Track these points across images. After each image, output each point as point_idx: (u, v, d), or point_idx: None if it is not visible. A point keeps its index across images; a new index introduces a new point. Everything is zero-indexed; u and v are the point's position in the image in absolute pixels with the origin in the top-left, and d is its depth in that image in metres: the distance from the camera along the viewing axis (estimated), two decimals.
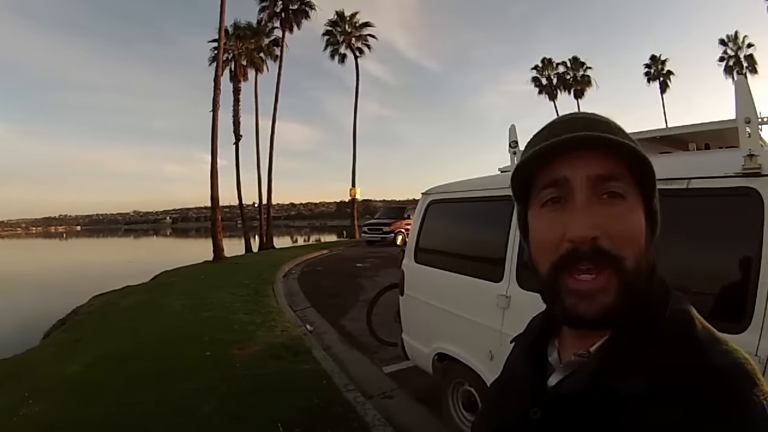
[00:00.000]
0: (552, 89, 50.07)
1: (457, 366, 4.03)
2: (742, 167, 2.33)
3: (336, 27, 37.67)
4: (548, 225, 0.77)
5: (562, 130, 0.76)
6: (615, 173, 0.74)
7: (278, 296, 11.37)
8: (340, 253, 23.85)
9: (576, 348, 0.81)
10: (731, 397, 0.64)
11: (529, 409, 0.78)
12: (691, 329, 0.74)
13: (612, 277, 0.72)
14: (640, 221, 0.76)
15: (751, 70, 44.35)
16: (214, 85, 24.16)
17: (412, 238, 4.92)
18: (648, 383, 0.68)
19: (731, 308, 2.30)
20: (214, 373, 5.89)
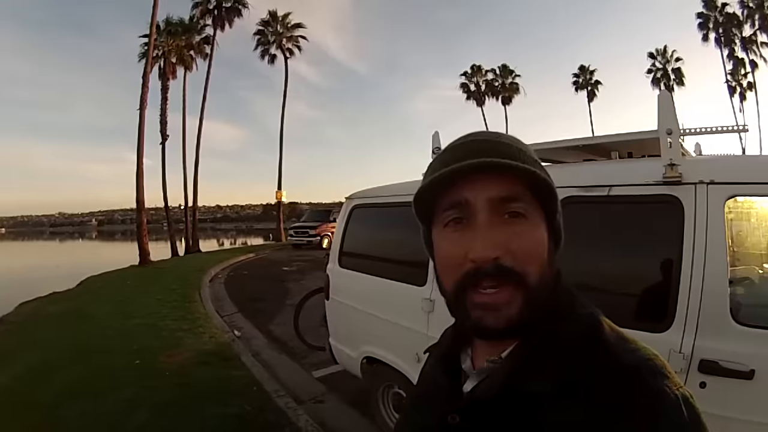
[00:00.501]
0: (480, 95, 50.91)
1: (386, 369, 4.07)
2: (663, 176, 2.47)
3: (268, 27, 37.33)
4: (451, 245, 0.79)
5: (463, 154, 0.79)
6: (515, 194, 0.77)
7: (205, 301, 11.19)
8: (267, 256, 23.67)
9: (488, 355, 0.84)
10: (641, 391, 0.67)
11: (447, 414, 0.81)
12: (598, 331, 0.78)
13: (515, 291, 0.75)
14: (542, 238, 0.80)
15: (678, 82, 46.44)
16: (142, 82, 23.58)
17: (336, 243, 4.93)
18: (556, 384, 0.72)
19: (655, 309, 2.43)
20: (145, 382, 5.74)
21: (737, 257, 3.23)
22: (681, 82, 46.37)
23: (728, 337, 2.20)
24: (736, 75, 42.49)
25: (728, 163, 2.70)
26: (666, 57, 46.73)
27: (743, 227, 3.23)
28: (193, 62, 33.66)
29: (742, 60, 42.00)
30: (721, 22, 41.16)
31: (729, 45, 41.91)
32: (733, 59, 42.23)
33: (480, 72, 51.12)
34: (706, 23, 41.65)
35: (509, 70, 51.08)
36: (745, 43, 40.99)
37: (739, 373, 2.12)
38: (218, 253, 26.67)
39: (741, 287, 2.75)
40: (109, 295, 12.42)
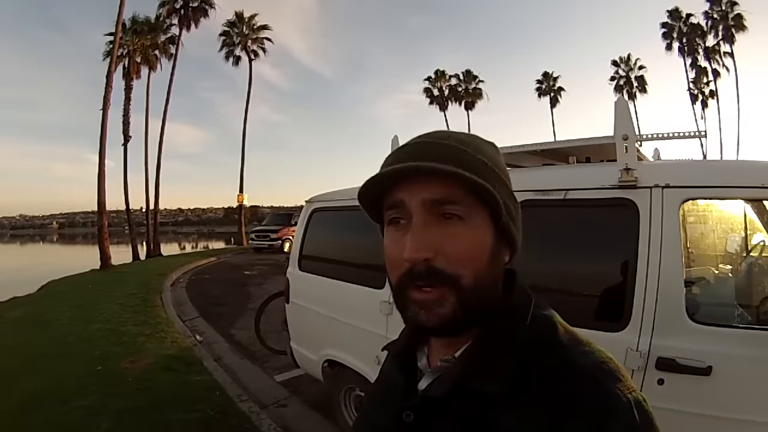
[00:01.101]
0: (443, 100, 51.21)
1: (347, 372, 4.06)
2: (618, 180, 2.52)
3: (234, 28, 36.93)
4: (393, 244, 0.81)
5: (404, 155, 0.80)
6: (449, 197, 0.76)
7: (167, 306, 11.04)
8: (228, 260, 23.42)
9: (443, 354, 0.86)
10: (593, 394, 0.68)
11: (402, 412, 0.81)
12: (552, 332, 0.79)
13: (448, 292, 0.75)
14: (480, 240, 0.79)
15: (641, 90, 47.59)
16: (106, 81, 22.93)
17: (296, 246, 4.92)
18: (508, 384, 0.72)
19: (611, 309, 2.48)
20: (108, 389, 5.61)
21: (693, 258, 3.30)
22: (644, 90, 47.57)
23: (684, 336, 2.27)
24: (698, 83, 43.61)
25: (683, 167, 2.74)
26: (629, 65, 47.80)
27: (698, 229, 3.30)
28: (158, 62, 33.08)
29: (704, 69, 43.14)
30: (685, 32, 42.37)
31: (692, 54, 43.06)
32: (696, 68, 43.39)
33: (444, 77, 51.47)
34: (670, 33, 42.81)
35: (473, 75, 51.43)
36: (708, 53, 42.13)
37: (697, 370, 2.18)
38: (180, 257, 26.18)
39: (697, 287, 2.84)
40: (70, 300, 12.11)
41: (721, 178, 2.44)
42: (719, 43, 41.52)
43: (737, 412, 2.17)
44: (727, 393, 2.19)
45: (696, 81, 43.57)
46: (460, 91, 51.29)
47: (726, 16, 40.17)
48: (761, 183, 2.29)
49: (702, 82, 43.45)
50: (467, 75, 51.37)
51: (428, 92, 51.54)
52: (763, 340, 2.18)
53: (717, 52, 41.89)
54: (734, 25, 40.07)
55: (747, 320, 2.48)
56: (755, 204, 3.30)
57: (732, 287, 3.21)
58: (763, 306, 2.41)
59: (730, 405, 2.18)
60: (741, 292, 3.10)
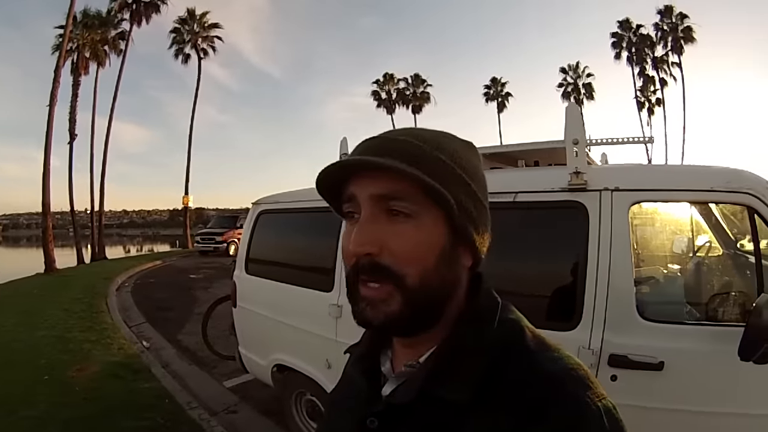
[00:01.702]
0: (391, 104, 51.34)
1: (297, 376, 4.02)
2: (568, 183, 2.57)
3: (185, 25, 36.24)
4: (345, 237, 0.80)
5: (356, 151, 0.81)
6: (396, 193, 0.74)
7: (112, 311, 10.82)
8: (174, 264, 23.07)
9: (407, 358, 0.84)
10: (562, 401, 0.66)
11: (366, 418, 0.80)
12: (519, 337, 0.77)
13: (394, 291, 0.74)
14: (427, 240, 0.76)
15: (588, 96, 48.48)
16: (54, 76, 22.24)
17: (243, 249, 4.86)
18: (474, 391, 0.71)
19: (563, 308, 2.54)
20: (55, 398, 5.43)
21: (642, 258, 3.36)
22: (591, 97, 48.53)
23: (636, 333, 2.35)
24: (645, 91, 44.87)
25: (632, 171, 2.84)
26: (578, 72, 48.75)
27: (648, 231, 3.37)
28: (107, 58, 32.28)
29: (652, 78, 44.44)
30: (635, 42, 43.59)
31: (640, 63, 44.25)
32: (644, 77, 44.65)
33: (392, 80, 51.60)
34: (619, 42, 43.97)
35: (421, 79, 51.75)
36: (657, 63, 43.42)
37: (649, 365, 2.26)
38: (125, 261, 25.65)
39: (647, 286, 2.92)
40: (14, 306, 11.75)
41: (669, 182, 2.54)
42: (668, 53, 42.93)
43: (689, 404, 2.26)
44: (680, 386, 2.28)
45: (643, 89, 44.82)
46: (408, 94, 51.56)
47: (676, 28, 41.55)
48: (709, 186, 2.38)
49: (649, 91, 44.75)
50: (416, 79, 51.72)
51: (376, 95, 51.64)
52: (713, 335, 2.28)
53: (665, 62, 43.23)
54: (683, 36, 41.44)
55: (696, 317, 2.59)
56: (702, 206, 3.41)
57: (681, 286, 3.34)
58: (711, 303, 2.49)
59: (683, 398, 2.28)
60: (690, 291, 3.23)
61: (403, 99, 51.54)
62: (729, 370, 2.18)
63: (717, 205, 3.47)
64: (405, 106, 51.60)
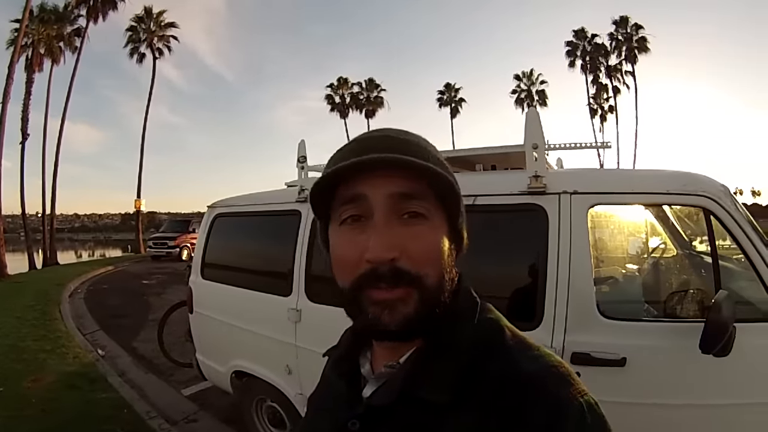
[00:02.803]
0: (344, 108, 51.66)
1: (257, 383, 3.98)
2: (528, 186, 2.63)
3: (141, 23, 35.73)
4: (348, 243, 0.76)
5: (363, 149, 0.77)
6: (416, 192, 0.74)
7: (66, 319, 10.56)
8: (126, 269, 22.71)
9: (386, 360, 0.83)
10: (544, 399, 0.67)
11: (347, 421, 0.78)
12: (499, 337, 0.78)
13: (412, 291, 0.72)
14: (442, 240, 0.77)
15: (542, 103, 49.40)
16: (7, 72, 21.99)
17: (198, 253, 4.76)
18: (454, 392, 0.71)
19: (524, 309, 2.58)
20: (12, 411, 5.26)
21: (602, 259, 3.43)
22: (544, 103, 49.54)
23: (597, 331, 2.42)
24: (598, 99, 46.07)
25: (591, 174, 2.93)
26: (531, 79, 49.92)
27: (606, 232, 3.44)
28: (62, 55, 31.59)
29: (605, 86, 45.68)
30: (589, 51, 44.77)
31: (594, 72, 45.31)
32: (597, 84, 45.79)
33: (346, 84, 51.96)
34: (574, 51, 45.14)
35: (375, 84, 52.24)
36: (610, 71, 44.56)
37: (611, 362, 2.33)
38: (77, 266, 25.20)
39: (607, 285, 2.98)
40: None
41: (626, 185, 2.63)
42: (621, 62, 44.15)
43: (652, 397, 2.34)
44: (642, 381, 2.35)
45: (596, 96, 45.95)
46: (362, 99, 51.92)
47: (631, 38, 42.90)
48: (665, 189, 2.49)
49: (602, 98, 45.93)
50: (370, 83, 52.18)
51: (330, 99, 51.86)
52: (672, 331, 2.37)
53: (619, 70, 44.53)
54: (638, 47, 42.78)
55: (654, 314, 2.68)
56: (657, 209, 3.49)
57: (639, 285, 3.44)
58: (670, 301, 2.55)
59: (645, 391, 2.35)
60: (648, 289, 3.34)
61: (356, 103, 51.92)
62: (688, 363, 2.27)
63: (671, 207, 3.59)
64: (358, 110, 52.03)
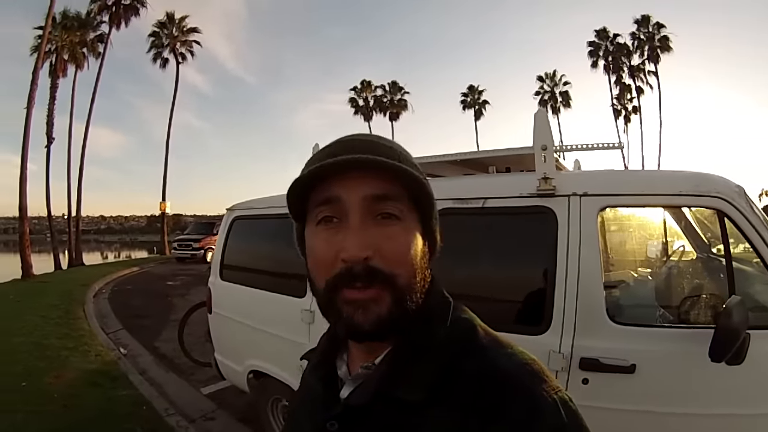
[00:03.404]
0: (368, 111, 51.39)
1: (273, 382, 4.00)
2: (536, 188, 2.59)
3: (163, 29, 36.08)
4: (323, 244, 0.77)
5: (339, 150, 0.78)
6: (389, 194, 0.75)
7: (89, 318, 10.71)
8: (151, 270, 22.87)
9: (362, 361, 0.84)
10: (517, 396, 0.68)
11: (326, 421, 0.79)
12: (472, 336, 0.79)
13: (384, 291, 0.73)
14: (414, 241, 0.78)
15: (565, 104, 49.07)
16: (32, 78, 22.28)
17: (217, 255, 4.85)
18: (429, 390, 0.72)
19: (533, 313, 2.54)
20: (33, 406, 5.35)
21: (612, 262, 3.38)
22: (568, 105, 49.11)
23: (606, 336, 2.37)
24: (622, 99, 45.32)
25: (601, 176, 2.85)
26: (554, 80, 49.32)
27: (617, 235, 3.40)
28: (85, 61, 31.94)
29: (628, 86, 44.87)
30: (612, 51, 44.05)
31: (617, 72, 44.66)
32: (620, 85, 45.07)
33: (369, 87, 51.63)
34: (596, 51, 44.42)
35: (398, 86, 51.85)
36: (633, 71, 43.85)
37: (621, 368, 2.28)
38: (102, 267, 25.29)
39: (617, 290, 2.93)
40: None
41: (637, 186, 2.57)
42: (644, 62, 43.38)
43: (661, 406, 2.28)
44: (651, 388, 2.29)
45: (620, 97, 45.24)
46: (386, 101, 51.64)
47: (653, 38, 42.12)
48: (678, 191, 2.42)
49: (625, 99, 45.18)
50: (393, 86, 51.83)
51: (353, 102, 51.66)
52: (684, 337, 2.31)
53: (641, 70, 43.72)
54: (660, 46, 41.96)
55: (668, 320, 2.59)
56: (675, 211, 3.44)
57: (652, 289, 3.35)
58: (683, 306, 2.49)
59: (655, 399, 2.29)
60: (661, 294, 3.24)
61: (380, 106, 51.63)
62: (700, 371, 2.20)
63: (690, 209, 3.51)
64: (382, 113, 51.69)
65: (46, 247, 38.66)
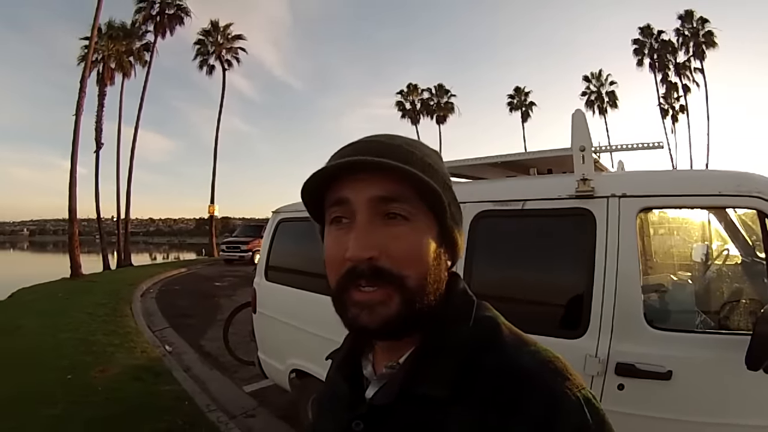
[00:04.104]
0: (415, 114, 51.03)
1: (313, 381, 4.04)
2: (575, 190, 2.57)
3: (208, 37, 36.73)
4: (334, 243, 0.79)
5: (351, 151, 0.79)
6: (396, 195, 0.75)
7: (136, 316, 10.94)
8: (198, 271, 23.20)
9: (387, 360, 0.84)
10: (540, 394, 0.67)
11: (351, 421, 0.80)
12: (496, 334, 0.78)
13: (393, 292, 0.74)
14: (425, 241, 0.78)
15: (612, 105, 48.08)
16: (80, 86, 22.78)
17: (263, 256, 4.94)
18: (454, 388, 0.72)
19: (570, 316, 2.52)
20: (76, 397, 5.54)
21: (651, 266, 3.33)
22: (614, 105, 48.08)
23: (643, 341, 2.32)
24: (668, 98, 44.23)
25: (640, 177, 2.79)
26: (600, 80, 48.36)
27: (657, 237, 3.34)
28: (132, 69, 32.74)
29: (675, 84, 43.83)
30: (656, 49, 43.09)
31: (663, 70, 43.70)
32: (666, 83, 44.06)
33: (416, 91, 51.30)
34: (641, 49, 43.57)
35: (445, 89, 51.43)
36: (679, 69, 42.85)
37: (657, 375, 2.23)
38: (150, 268, 25.78)
39: (655, 294, 2.86)
40: (39, 308, 11.95)
41: (676, 187, 2.51)
42: (690, 59, 42.38)
43: (698, 415, 2.23)
44: (688, 396, 2.24)
45: (666, 96, 44.21)
46: (432, 105, 51.21)
47: (697, 33, 41.11)
48: (717, 191, 2.35)
49: (672, 97, 44.09)
50: (439, 89, 51.39)
51: (400, 106, 51.39)
52: (723, 343, 2.23)
53: (687, 68, 42.69)
54: (705, 42, 40.96)
55: (709, 325, 2.54)
56: (719, 213, 3.37)
57: (692, 293, 3.25)
58: (722, 311, 2.46)
59: (691, 408, 2.24)
60: (702, 299, 3.15)
61: (427, 109, 51.26)
62: (740, 380, 2.13)
63: (735, 211, 3.43)
64: (429, 116, 51.32)
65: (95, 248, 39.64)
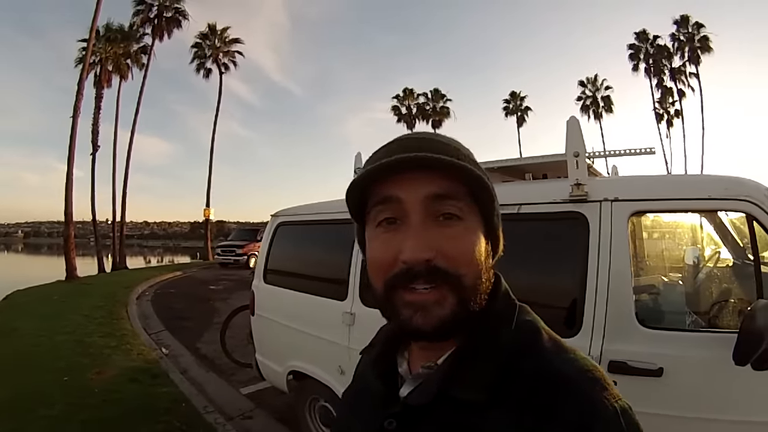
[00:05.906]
0: (411, 119, 50.72)
1: (311, 383, 4.08)
2: (569, 194, 2.63)
3: (206, 40, 36.63)
4: (383, 245, 0.76)
5: (397, 149, 0.76)
6: (450, 193, 0.74)
7: (132, 319, 10.92)
8: (194, 275, 23.06)
9: (424, 359, 0.82)
10: (577, 402, 0.66)
11: (384, 419, 0.78)
12: (536, 339, 0.77)
13: (448, 292, 0.72)
14: (478, 240, 0.77)
15: (607, 109, 47.87)
16: (77, 88, 22.67)
17: (261, 259, 4.98)
18: (491, 392, 0.71)
19: (564, 316, 2.56)
20: (74, 399, 5.54)
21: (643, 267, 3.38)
22: (610, 110, 47.91)
23: (635, 340, 2.38)
24: (663, 103, 44.21)
25: (632, 181, 2.85)
26: (596, 85, 48.16)
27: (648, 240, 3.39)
28: (129, 71, 32.65)
29: (670, 89, 43.79)
30: (652, 54, 43.09)
31: (658, 75, 43.71)
32: (662, 88, 44.04)
33: (411, 95, 51.10)
34: (636, 54, 43.56)
35: (441, 94, 51.22)
36: (674, 74, 42.84)
37: (648, 372, 2.29)
38: (145, 271, 25.77)
39: (646, 294, 2.92)
40: (35, 311, 11.91)
41: (667, 191, 2.57)
42: (685, 64, 42.38)
43: (688, 411, 2.27)
44: (679, 392, 2.29)
45: (661, 101, 44.19)
46: (428, 109, 50.98)
47: (692, 38, 41.11)
48: (707, 195, 2.41)
49: (667, 102, 44.08)
50: (435, 93, 51.20)
51: (396, 110, 51.10)
52: (712, 341, 2.28)
53: (683, 72, 42.66)
54: (700, 46, 40.94)
55: (700, 325, 2.59)
56: (710, 215, 3.43)
57: (682, 294, 3.31)
58: (711, 310, 2.53)
59: (682, 404, 2.29)
60: (692, 299, 3.22)
61: (423, 114, 50.96)
62: (729, 376, 2.17)
63: (727, 214, 3.48)
64: (425, 120, 50.93)
65: (90, 251, 39.44)
